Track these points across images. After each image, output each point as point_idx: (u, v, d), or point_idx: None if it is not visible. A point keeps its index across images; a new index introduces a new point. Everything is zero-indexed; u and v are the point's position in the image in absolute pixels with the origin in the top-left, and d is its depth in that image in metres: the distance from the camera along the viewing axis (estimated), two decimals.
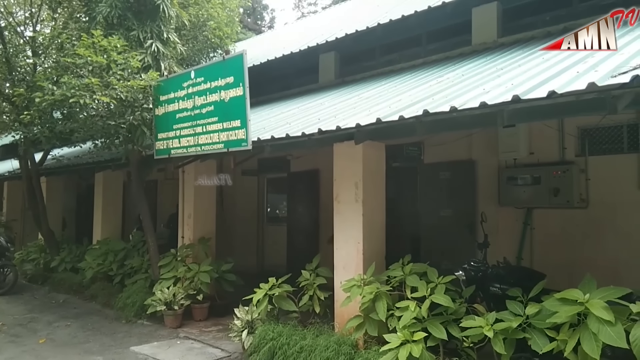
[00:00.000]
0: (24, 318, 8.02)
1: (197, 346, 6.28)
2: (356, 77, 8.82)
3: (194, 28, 8.56)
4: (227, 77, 5.77)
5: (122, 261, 9.08)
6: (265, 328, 5.37)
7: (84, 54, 6.22)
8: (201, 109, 6.22)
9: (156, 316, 7.29)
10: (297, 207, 10.31)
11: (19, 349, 6.32)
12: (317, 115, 6.15)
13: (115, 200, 10.72)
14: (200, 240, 7.97)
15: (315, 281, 5.79)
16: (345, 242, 5.42)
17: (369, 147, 5.32)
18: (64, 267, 10.56)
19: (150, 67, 6.89)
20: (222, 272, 7.64)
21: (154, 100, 6.95)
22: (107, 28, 7.05)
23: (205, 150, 6.26)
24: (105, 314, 8.20)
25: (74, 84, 6.18)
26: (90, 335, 6.93)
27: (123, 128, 6.79)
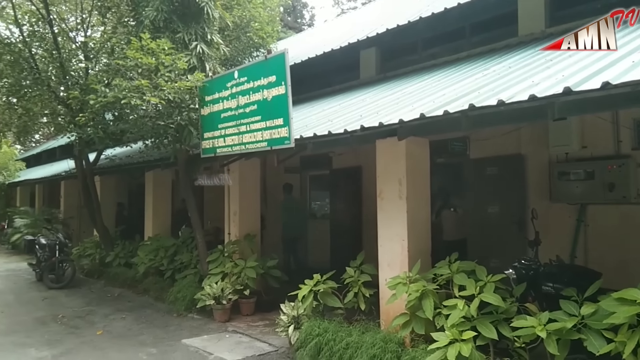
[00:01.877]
0: (82, 310, 8.44)
1: (245, 340, 6.43)
2: (398, 72, 8.71)
3: (236, 29, 8.72)
4: (270, 76, 5.84)
5: (172, 257, 9.38)
6: (311, 324, 5.42)
7: (134, 56, 6.46)
8: (245, 108, 6.33)
9: (205, 310, 7.51)
10: (339, 204, 10.33)
11: (79, 340, 6.66)
12: (359, 111, 6.13)
13: (164, 198, 11.08)
14: (245, 237, 8.12)
15: (359, 278, 5.79)
16: (389, 240, 5.38)
17: (413, 143, 5.25)
18: (118, 262, 11.05)
19: (195, 68, 7.08)
20: (268, 268, 7.77)
21: (200, 101, 7.14)
22: (154, 31, 7.28)
23: (249, 149, 6.37)
24: (157, 307, 8.52)
25: (124, 86, 6.44)
26: (144, 328, 7.22)
27: (171, 128, 7.02)
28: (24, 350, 6.17)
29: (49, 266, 10.72)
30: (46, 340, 6.61)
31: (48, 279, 10.59)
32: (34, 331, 7.14)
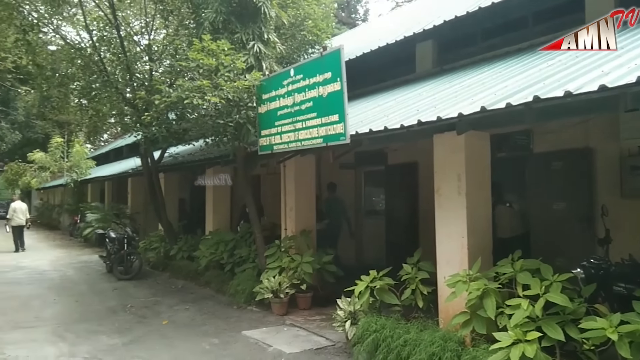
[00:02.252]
0: (149, 301, 8.89)
1: (303, 334, 6.54)
2: (455, 65, 8.48)
3: (291, 27, 8.83)
4: (325, 73, 5.88)
5: (232, 251, 9.67)
6: (368, 320, 5.43)
7: (195, 57, 6.71)
8: (300, 105, 6.41)
9: (264, 303, 7.70)
10: (395, 200, 10.24)
11: (146, 329, 7.03)
12: (416, 106, 6.04)
13: (224, 194, 11.44)
14: (301, 233, 8.24)
15: (417, 275, 5.74)
16: (448, 237, 5.28)
17: (472, 137, 5.12)
18: (181, 255, 11.54)
19: (253, 67, 7.24)
20: (324, 263, 7.85)
21: (257, 99, 7.29)
22: (213, 32, 7.51)
23: (305, 145, 6.44)
24: (218, 299, 8.83)
25: (187, 87, 6.70)
26: (207, 319, 7.51)
27: (230, 126, 7.23)
28: (96, 337, 6.59)
29: (118, 258, 11.37)
30: (116, 328, 7.02)
31: (117, 271, 11.23)
32: (105, 319, 7.60)
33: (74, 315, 7.92)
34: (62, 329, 6.97)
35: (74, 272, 12.63)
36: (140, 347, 6.11)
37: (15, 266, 13.50)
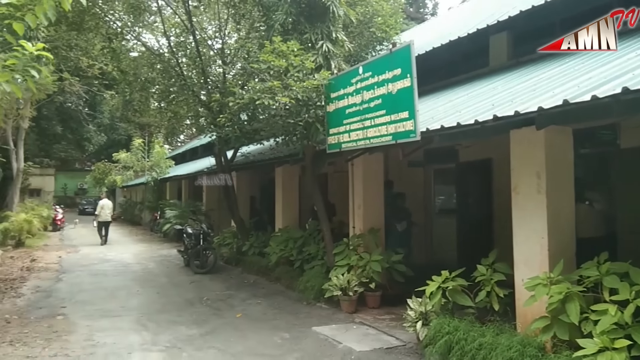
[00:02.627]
0: (223, 294, 9.25)
1: (372, 332, 6.52)
2: (533, 57, 8.04)
3: (360, 25, 8.81)
4: (395, 69, 5.81)
5: (301, 248, 9.84)
6: (441, 321, 5.31)
7: (266, 59, 6.89)
8: (369, 103, 6.38)
9: (332, 300, 7.76)
10: (467, 199, 9.91)
11: (221, 321, 7.32)
12: (490, 100, 5.81)
13: (293, 192, 11.66)
14: (370, 231, 8.20)
15: (492, 277, 5.52)
16: (526, 237, 5.04)
17: (553, 132, 4.84)
18: (253, 251, 11.90)
19: (321, 66, 7.31)
20: (393, 262, 7.78)
21: (326, 98, 7.35)
22: (283, 34, 7.67)
23: (374, 143, 6.41)
24: (288, 295, 9.01)
25: (258, 88, 6.90)
26: (277, 314, 7.69)
27: (300, 125, 7.35)
28: (176, 327, 6.95)
29: (194, 253, 11.93)
30: (194, 320, 7.37)
31: (194, 265, 11.79)
32: (184, 310, 8.01)
33: (155, 306, 8.41)
34: (145, 319, 7.42)
35: (155, 265, 13.41)
36: (216, 338, 6.37)
37: (103, 259, 14.56)
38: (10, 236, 16.64)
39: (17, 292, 9.39)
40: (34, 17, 3.34)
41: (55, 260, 13.97)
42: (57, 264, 13.29)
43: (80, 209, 39.20)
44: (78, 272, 12.07)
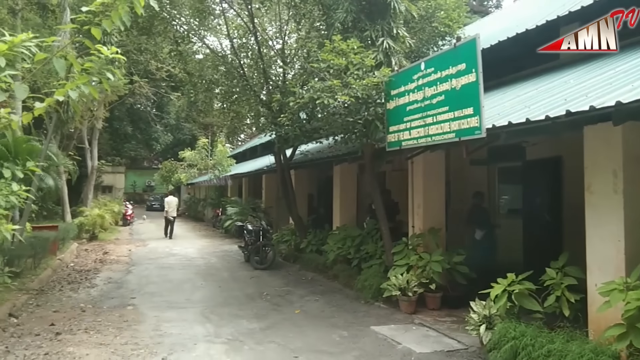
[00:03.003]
0: (282, 290, 9.40)
1: (433, 334, 6.38)
2: None
3: (421, 20, 8.65)
4: (459, 65, 5.64)
5: (359, 246, 9.81)
6: (506, 325, 5.10)
7: (326, 58, 6.92)
8: (431, 100, 6.24)
9: (391, 300, 7.68)
10: (534, 199, 9.44)
11: (280, 316, 7.44)
12: (562, 95, 5.50)
13: (350, 191, 11.66)
14: (430, 231, 8.03)
15: (562, 281, 5.26)
16: (600, 240, 4.74)
17: (632, 128, 4.52)
18: (310, 248, 12.02)
19: (382, 64, 7.24)
20: (454, 263, 7.57)
21: (386, 95, 7.27)
22: (343, 32, 7.67)
23: (436, 141, 6.26)
24: (345, 293, 9.01)
25: (318, 87, 6.94)
26: (335, 311, 7.71)
27: (359, 124, 7.32)
28: (237, 320, 7.13)
29: (254, 249, 12.22)
30: (254, 314, 7.54)
31: (254, 261, 12.08)
32: (244, 305, 8.21)
33: (217, 299, 8.69)
34: (208, 311, 7.68)
35: (217, 260, 13.86)
36: (275, 333, 6.48)
37: (169, 253, 15.24)
38: (85, 230, 17.80)
39: (91, 282, 10.02)
40: (110, 23, 3.53)
41: (126, 254, 14.78)
42: (127, 257, 14.06)
43: (148, 205, 41.33)
44: (146, 264, 12.71)
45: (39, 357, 5.31)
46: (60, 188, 16.39)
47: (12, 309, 7.16)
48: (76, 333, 6.29)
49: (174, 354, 5.57)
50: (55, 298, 8.40)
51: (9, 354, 5.38)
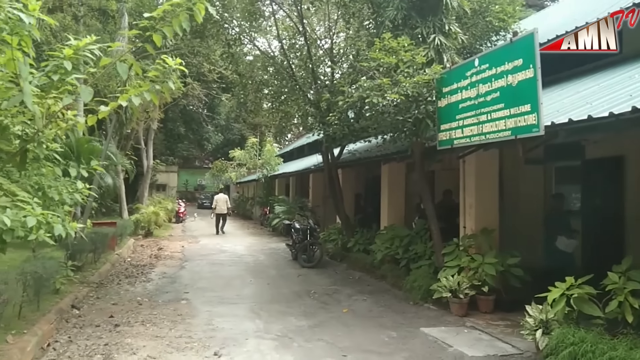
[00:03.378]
0: (329, 289, 9.42)
1: (485, 338, 6.20)
2: None
3: (474, 15, 8.43)
4: (515, 60, 5.45)
5: (407, 246, 9.68)
6: (564, 331, 4.89)
7: (376, 56, 6.87)
8: (486, 97, 6.07)
9: (441, 302, 7.53)
10: (594, 200, 8.98)
11: (328, 315, 7.45)
12: (627, 90, 5.21)
13: (398, 190, 11.52)
14: (482, 231, 7.82)
15: (625, 286, 4.96)
16: None
17: None
18: (358, 248, 11.98)
19: (433, 61, 7.12)
20: (508, 265, 7.33)
21: (437, 93, 7.14)
22: (393, 30, 7.59)
23: (490, 139, 6.09)
24: (393, 293, 8.92)
25: (367, 86, 6.90)
26: (383, 312, 7.64)
27: (409, 122, 7.23)
28: (285, 318, 7.21)
29: (302, 247, 12.32)
30: (302, 312, 7.59)
31: (301, 259, 12.18)
32: (292, 302, 8.29)
33: (266, 296, 8.83)
34: (258, 308, 7.82)
35: (265, 257, 14.08)
36: (324, 331, 6.50)
37: (219, 250, 15.62)
38: (141, 226, 18.54)
39: (147, 277, 10.42)
40: (171, 29, 3.66)
41: (179, 250, 15.29)
42: (180, 253, 14.53)
43: (199, 203, 42.53)
44: (198, 260, 13.09)
45: (99, 348, 5.56)
46: (118, 186, 17.19)
47: (75, 301, 7.54)
48: (133, 325, 6.56)
49: (225, 348, 5.70)
50: (114, 291, 8.80)
51: (71, 344, 5.67)
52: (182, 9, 3.61)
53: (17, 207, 3.10)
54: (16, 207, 3.11)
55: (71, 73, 3.40)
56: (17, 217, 3.01)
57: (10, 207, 3.09)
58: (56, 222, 3.25)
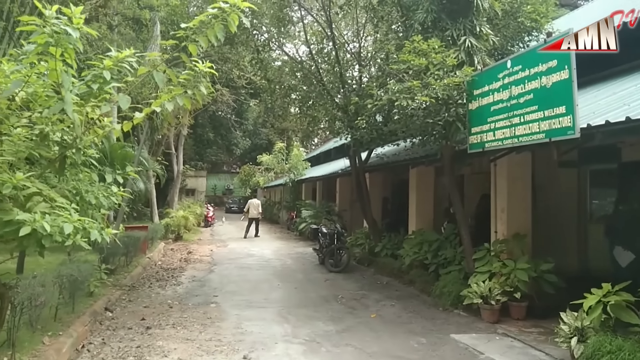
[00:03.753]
0: (357, 294, 9.37)
1: (518, 345, 6.06)
2: None
3: (506, 16, 8.28)
4: (550, 61, 5.33)
5: (436, 251, 9.55)
6: (601, 339, 4.75)
7: (407, 59, 6.83)
8: (518, 99, 5.96)
9: (471, 308, 7.40)
10: (632, 204, 8.68)
11: (356, 320, 7.41)
12: None
13: (427, 194, 11.39)
14: (514, 236, 7.66)
15: None
16: None
17: None
18: (385, 252, 11.89)
19: (463, 63, 7.04)
20: (541, 271, 7.15)
21: (468, 95, 7.05)
22: (422, 32, 7.53)
23: (523, 142, 5.97)
24: (422, 299, 8.81)
25: (396, 89, 6.86)
26: (412, 317, 7.55)
27: (439, 125, 7.14)
28: (313, 322, 7.20)
29: (329, 252, 12.29)
30: (330, 316, 7.57)
31: (328, 263, 12.16)
32: (320, 307, 8.28)
33: (293, 300, 8.84)
34: (285, 312, 7.83)
35: (292, 261, 14.12)
36: (352, 336, 6.47)
37: (247, 254, 15.75)
38: (171, 230, 18.86)
39: (177, 280, 10.57)
40: (206, 39, 3.73)
41: (208, 253, 15.47)
42: (209, 257, 14.71)
43: (227, 208, 43.02)
44: (227, 264, 13.22)
45: (132, 350, 5.67)
46: (150, 191, 17.53)
47: (108, 304, 7.72)
48: (164, 328, 6.66)
49: (254, 351, 5.73)
50: (145, 294, 8.96)
51: (105, 346, 5.80)
52: (218, 20, 3.67)
53: (55, 213, 3.19)
54: (54, 213, 3.20)
55: (110, 82, 3.50)
56: (56, 223, 3.11)
57: (49, 213, 3.19)
58: (93, 227, 3.33)
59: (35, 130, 3.48)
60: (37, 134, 3.49)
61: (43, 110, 3.43)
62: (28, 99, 3.54)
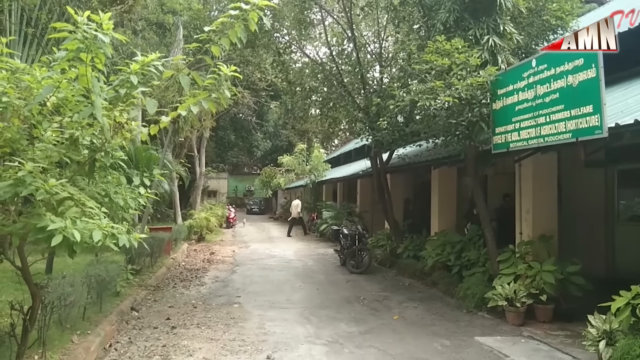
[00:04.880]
0: (379, 295, 9.33)
1: (544, 348, 5.96)
2: None
3: (530, 14, 8.15)
4: (576, 60, 5.24)
5: (459, 253, 9.45)
6: (630, 342, 4.64)
7: (430, 59, 6.78)
8: (544, 98, 5.87)
9: (496, 310, 7.31)
10: None
11: (379, 322, 7.38)
12: None
13: (450, 195, 11.28)
14: (540, 238, 7.54)
15: None
16: None
17: None
18: (407, 254, 11.80)
19: (487, 62, 6.96)
20: (568, 273, 7.02)
21: (492, 95, 6.96)
22: (445, 32, 7.47)
23: (549, 142, 5.87)
24: (446, 301, 8.72)
25: (419, 89, 6.82)
26: (435, 319, 7.49)
27: (462, 125, 7.08)
28: (335, 323, 7.20)
29: (350, 253, 12.28)
30: (352, 318, 7.56)
31: (350, 264, 12.14)
32: (342, 308, 8.27)
33: (315, 301, 8.86)
34: (308, 312, 7.85)
35: (313, 262, 14.14)
36: (374, 338, 6.45)
37: (269, 255, 15.84)
38: (194, 232, 19.09)
39: (201, 281, 10.69)
40: (228, 40, 3.77)
41: (230, 254, 15.62)
42: (232, 258, 14.84)
43: (248, 209, 43.35)
44: (249, 265, 13.33)
45: (158, 349, 5.76)
46: (173, 193, 17.78)
47: (134, 303, 7.86)
48: (189, 327, 6.76)
49: (277, 352, 5.77)
50: (170, 294, 9.09)
51: (131, 345, 5.91)
52: (239, 20, 3.71)
53: (84, 220, 3.26)
54: (84, 219, 3.27)
55: (137, 87, 3.58)
56: (86, 229, 3.18)
57: (79, 218, 3.26)
58: (121, 233, 3.40)
59: (66, 135, 3.57)
60: (67, 138, 3.58)
61: (73, 115, 3.52)
62: (59, 104, 3.64)
